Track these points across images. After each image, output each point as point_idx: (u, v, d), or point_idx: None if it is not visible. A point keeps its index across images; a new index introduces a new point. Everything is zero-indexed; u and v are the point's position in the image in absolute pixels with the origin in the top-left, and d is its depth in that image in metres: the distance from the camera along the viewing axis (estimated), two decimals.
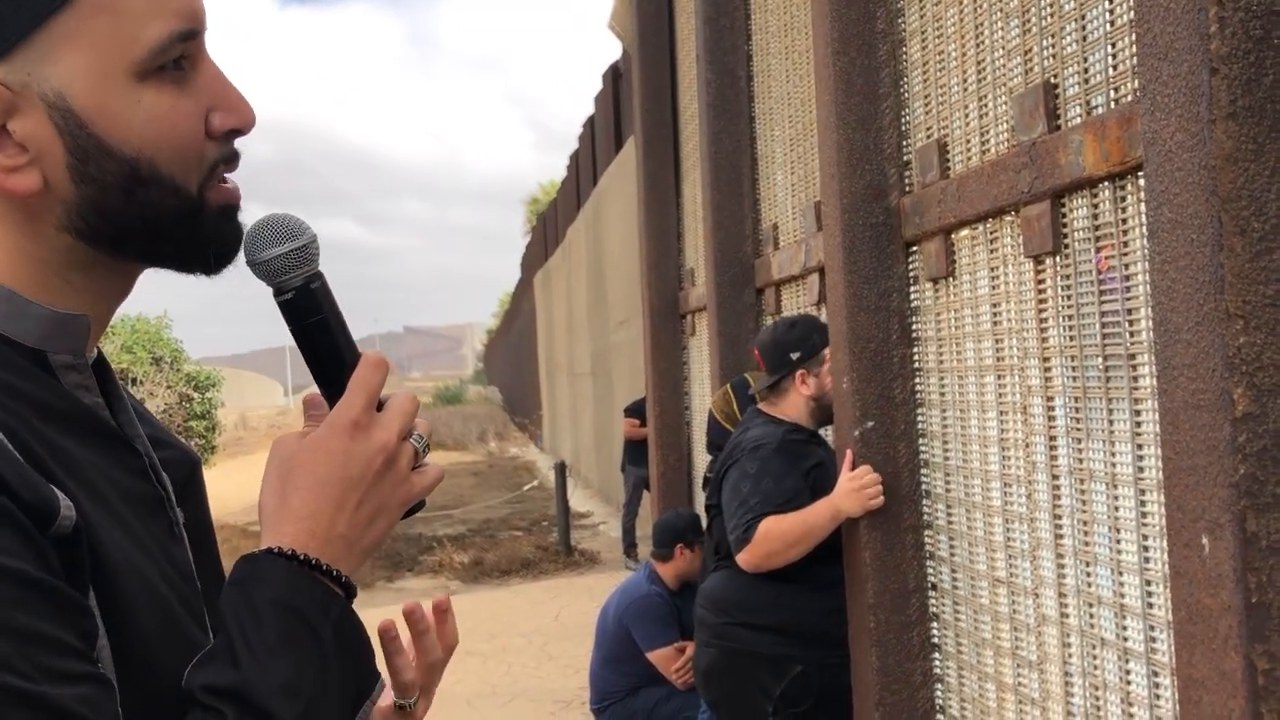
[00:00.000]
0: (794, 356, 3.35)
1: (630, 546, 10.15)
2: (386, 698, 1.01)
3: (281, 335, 0.95)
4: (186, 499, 0.96)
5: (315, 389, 0.95)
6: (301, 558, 0.84)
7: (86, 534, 0.78)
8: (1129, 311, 2.01)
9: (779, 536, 3.09)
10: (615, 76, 12.04)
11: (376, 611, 2.23)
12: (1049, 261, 2.28)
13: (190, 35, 0.85)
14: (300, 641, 0.81)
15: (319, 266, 0.92)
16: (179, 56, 0.84)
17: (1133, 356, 2.00)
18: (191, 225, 0.87)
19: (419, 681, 1.02)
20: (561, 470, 11.28)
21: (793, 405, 3.37)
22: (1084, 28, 2.11)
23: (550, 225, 21.39)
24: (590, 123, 14.50)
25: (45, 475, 0.77)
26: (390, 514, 0.89)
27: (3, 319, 0.84)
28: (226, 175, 0.90)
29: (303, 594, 0.83)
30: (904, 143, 2.97)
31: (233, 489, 12.08)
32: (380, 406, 0.91)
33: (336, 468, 0.86)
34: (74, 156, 0.82)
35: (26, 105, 0.81)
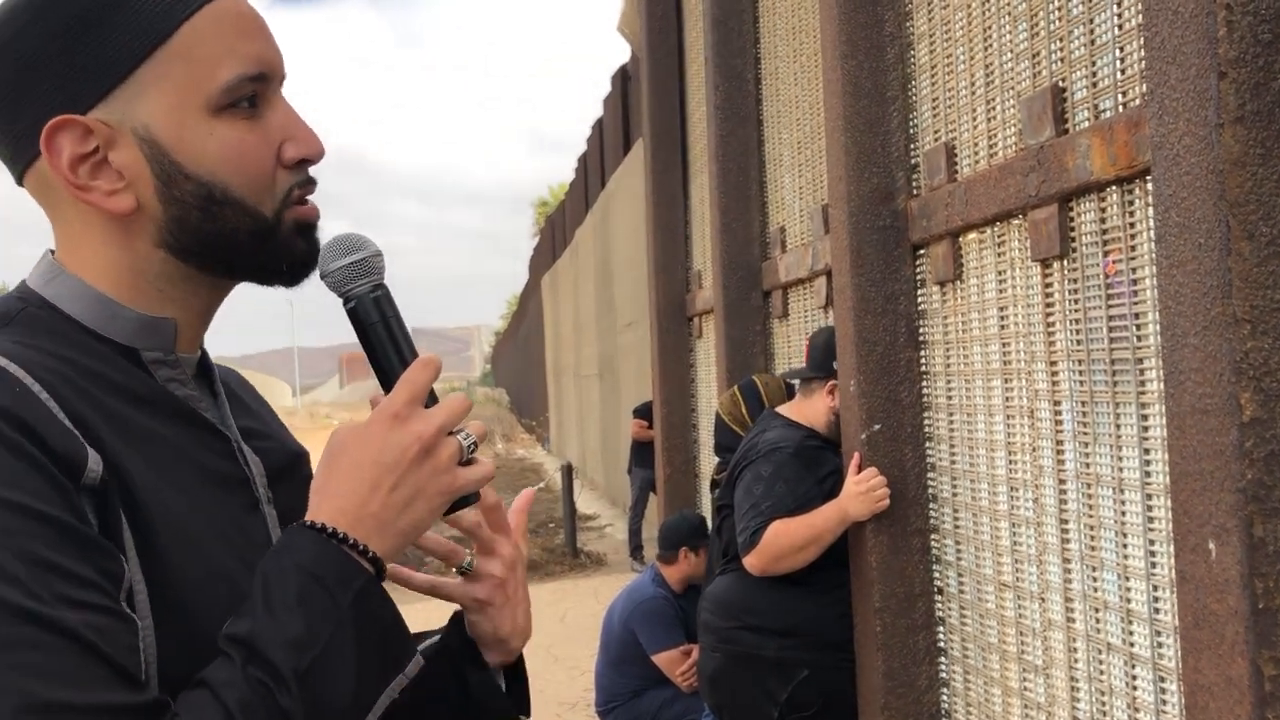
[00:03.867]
0: (835, 365, 3.30)
1: (636, 549, 10.15)
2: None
3: (290, 337, 1.01)
4: (282, 483, 1.07)
5: (369, 389, 1.05)
6: (330, 531, 0.91)
7: (127, 490, 0.88)
8: (1136, 316, 2.00)
9: (787, 540, 3.08)
10: (624, 79, 12.04)
11: None
12: (1056, 265, 2.27)
13: (259, 78, 0.98)
14: (315, 604, 0.87)
15: (382, 278, 1.02)
16: (251, 96, 0.98)
17: (1140, 361, 2.00)
18: (265, 243, 1.00)
19: (458, 550, 1.11)
20: (568, 472, 11.28)
21: (816, 412, 3.33)
22: (1092, 31, 2.11)
23: (558, 227, 21.40)
24: (599, 125, 14.50)
25: (90, 435, 0.87)
26: (429, 500, 0.95)
27: (98, 320, 0.97)
28: (305, 197, 1.02)
29: (326, 563, 0.90)
30: (911, 146, 2.97)
31: None
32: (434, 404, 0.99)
33: (373, 453, 0.94)
34: (160, 181, 0.96)
35: (122, 139, 0.95)
